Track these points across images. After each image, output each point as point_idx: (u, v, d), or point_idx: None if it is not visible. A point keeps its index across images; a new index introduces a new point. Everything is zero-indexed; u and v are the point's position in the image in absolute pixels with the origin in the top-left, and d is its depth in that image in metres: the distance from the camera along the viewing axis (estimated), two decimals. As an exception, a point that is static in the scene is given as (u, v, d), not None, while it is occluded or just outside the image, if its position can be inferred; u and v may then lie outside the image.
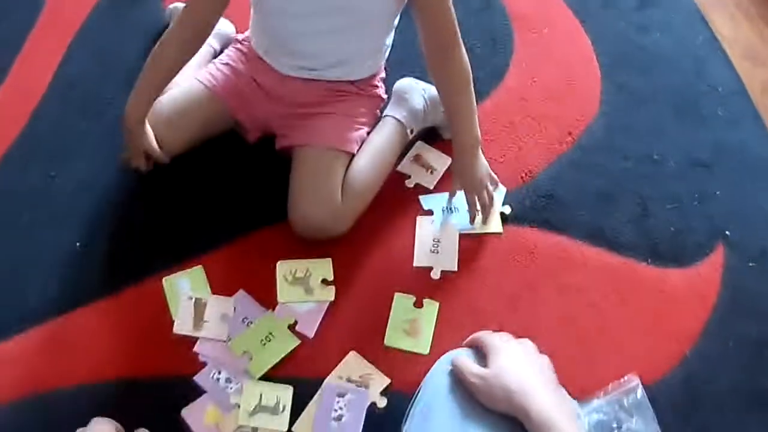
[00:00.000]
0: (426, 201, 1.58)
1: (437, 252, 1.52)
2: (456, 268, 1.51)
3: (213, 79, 1.52)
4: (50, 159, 1.61)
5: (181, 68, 1.47)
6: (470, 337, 1.11)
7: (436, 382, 1.09)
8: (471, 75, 1.43)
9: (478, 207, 1.51)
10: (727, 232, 1.58)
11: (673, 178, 1.64)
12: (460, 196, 1.52)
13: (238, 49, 1.57)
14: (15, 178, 1.59)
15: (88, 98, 1.69)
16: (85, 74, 1.72)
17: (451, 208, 1.56)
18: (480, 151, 1.49)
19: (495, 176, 1.54)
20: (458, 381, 1.06)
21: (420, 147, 1.64)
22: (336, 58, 1.48)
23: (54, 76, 1.72)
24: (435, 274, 1.50)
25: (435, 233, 1.54)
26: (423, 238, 1.53)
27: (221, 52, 1.65)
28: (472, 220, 1.53)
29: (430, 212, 1.57)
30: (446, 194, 1.56)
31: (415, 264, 1.51)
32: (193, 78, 1.53)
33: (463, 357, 1.08)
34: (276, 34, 1.48)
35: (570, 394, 1.06)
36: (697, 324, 1.48)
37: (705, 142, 1.69)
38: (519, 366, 1.03)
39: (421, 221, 1.55)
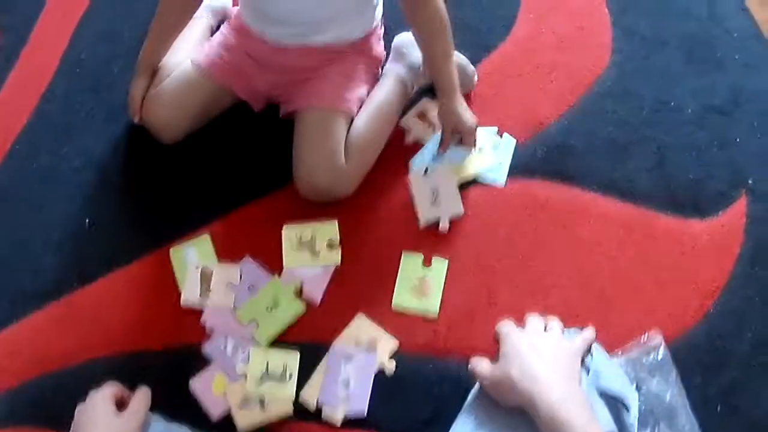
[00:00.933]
0: (415, 162, 1.48)
1: (439, 203, 1.42)
2: (462, 211, 1.42)
3: (208, 60, 1.46)
4: (59, 138, 1.55)
5: (185, 20, 1.47)
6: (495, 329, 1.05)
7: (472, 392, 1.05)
8: (447, 20, 1.35)
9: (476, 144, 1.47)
10: (749, 181, 1.47)
11: (691, 125, 1.52)
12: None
13: (230, 25, 1.50)
14: (26, 158, 1.53)
15: (96, 77, 1.62)
16: (92, 55, 1.65)
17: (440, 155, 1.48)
18: (459, 94, 1.42)
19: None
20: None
21: (426, 103, 1.53)
22: (317, 20, 1.39)
23: (61, 58, 1.65)
24: (443, 227, 1.41)
25: (431, 184, 1.44)
26: (421, 193, 1.43)
27: (218, 28, 1.57)
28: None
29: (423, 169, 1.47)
30: (428, 146, 1.48)
31: (421, 223, 1.41)
32: (189, 60, 1.47)
33: (477, 359, 1.02)
34: None
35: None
36: (720, 277, 1.38)
37: (722, 87, 1.57)
38: (522, 352, 0.96)
39: (413, 178, 1.45)
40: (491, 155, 1.47)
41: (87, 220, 1.44)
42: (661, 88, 1.56)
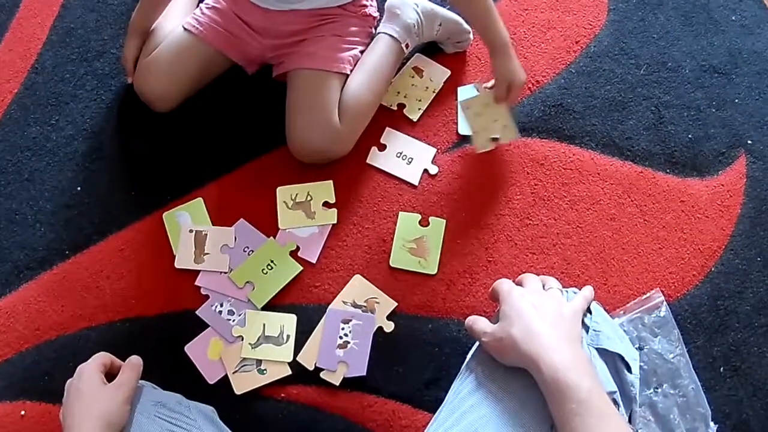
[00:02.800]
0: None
1: (408, 162, 1.39)
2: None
3: (199, 25, 1.39)
4: (50, 108, 1.48)
5: None
6: (491, 288, 1.00)
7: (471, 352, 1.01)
8: None
9: None
10: (748, 141, 1.43)
11: (689, 85, 1.47)
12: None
13: None
14: (17, 129, 1.46)
15: (85, 46, 1.55)
16: (80, 23, 1.58)
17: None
18: (512, 50, 1.32)
19: None
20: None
21: (418, 59, 1.48)
22: None
23: (51, 28, 1.57)
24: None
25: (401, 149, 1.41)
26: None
27: None
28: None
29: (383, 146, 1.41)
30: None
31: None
32: (181, 27, 1.41)
33: (475, 317, 0.97)
34: None
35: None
36: (721, 237, 1.35)
37: (720, 48, 1.52)
38: (524, 312, 0.92)
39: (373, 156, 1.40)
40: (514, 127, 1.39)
41: (78, 188, 1.39)
42: (658, 48, 1.51)
